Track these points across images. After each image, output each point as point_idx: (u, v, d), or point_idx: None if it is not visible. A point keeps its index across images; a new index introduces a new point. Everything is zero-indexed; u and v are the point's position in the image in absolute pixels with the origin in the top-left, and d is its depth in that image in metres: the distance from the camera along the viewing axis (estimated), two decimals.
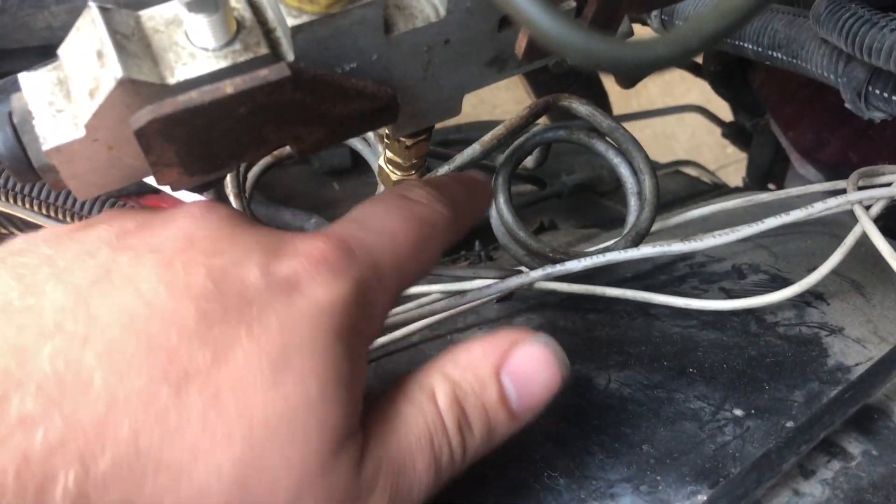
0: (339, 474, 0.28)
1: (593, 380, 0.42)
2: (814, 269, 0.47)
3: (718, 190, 1.00)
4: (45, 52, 0.78)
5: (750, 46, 0.60)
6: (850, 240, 0.48)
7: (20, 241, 0.31)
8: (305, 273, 0.29)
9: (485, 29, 0.35)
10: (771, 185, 1.05)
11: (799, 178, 0.87)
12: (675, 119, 1.82)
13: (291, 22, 0.30)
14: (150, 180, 0.33)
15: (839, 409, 0.36)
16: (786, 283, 0.48)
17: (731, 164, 2.08)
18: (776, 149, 0.92)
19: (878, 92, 0.49)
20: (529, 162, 0.62)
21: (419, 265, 0.34)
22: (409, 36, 0.33)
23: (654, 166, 0.51)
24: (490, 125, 0.98)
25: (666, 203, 0.97)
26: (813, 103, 0.75)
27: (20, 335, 0.26)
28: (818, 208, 0.49)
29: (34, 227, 0.57)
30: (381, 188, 0.49)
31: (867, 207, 0.50)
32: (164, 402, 0.25)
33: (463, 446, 0.32)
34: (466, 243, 0.74)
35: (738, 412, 0.39)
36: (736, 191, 0.98)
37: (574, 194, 0.95)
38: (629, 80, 0.82)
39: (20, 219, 0.57)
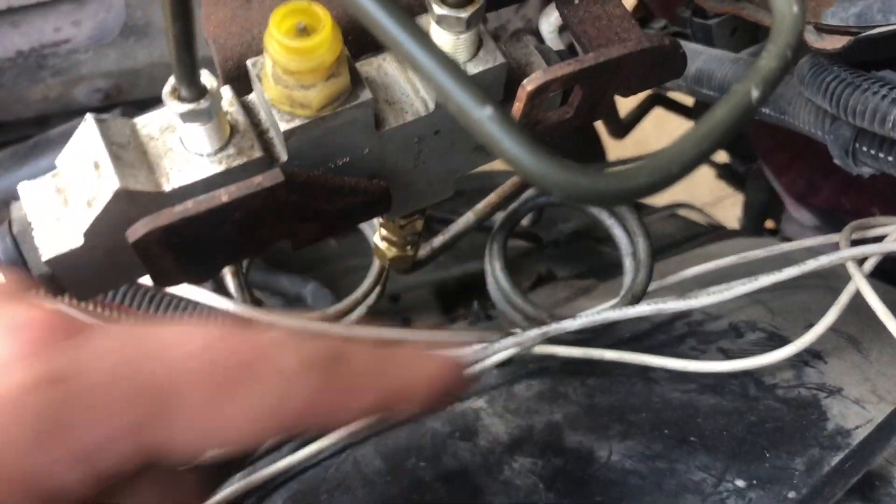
0: None
1: (595, 452, 0.42)
2: (810, 324, 0.48)
3: (715, 232, 1.01)
4: (41, 122, 0.79)
5: None
6: (844, 298, 0.48)
7: None
8: None
9: None
10: (770, 223, 1.05)
11: (795, 220, 0.88)
12: None
13: (284, 126, 0.30)
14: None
15: (840, 479, 0.36)
16: (783, 340, 0.49)
17: (728, 196, 2.08)
18: (770, 191, 0.92)
19: (865, 149, 0.49)
20: (525, 220, 0.63)
21: (199, 424, 0.24)
22: (400, 130, 0.33)
23: (647, 228, 0.52)
24: (489, 175, 0.98)
25: (663, 247, 0.98)
26: (804, 150, 0.76)
27: None
28: (812, 265, 0.49)
29: None
30: (376, 262, 0.49)
31: (861, 261, 0.51)
32: None
33: None
34: (465, 302, 0.74)
35: (740, 483, 0.39)
36: (733, 234, 0.98)
37: (570, 241, 0.96)
38: (620, 131, 0.83)
39: None
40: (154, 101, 0.75)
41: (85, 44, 0.71)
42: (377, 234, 0.45)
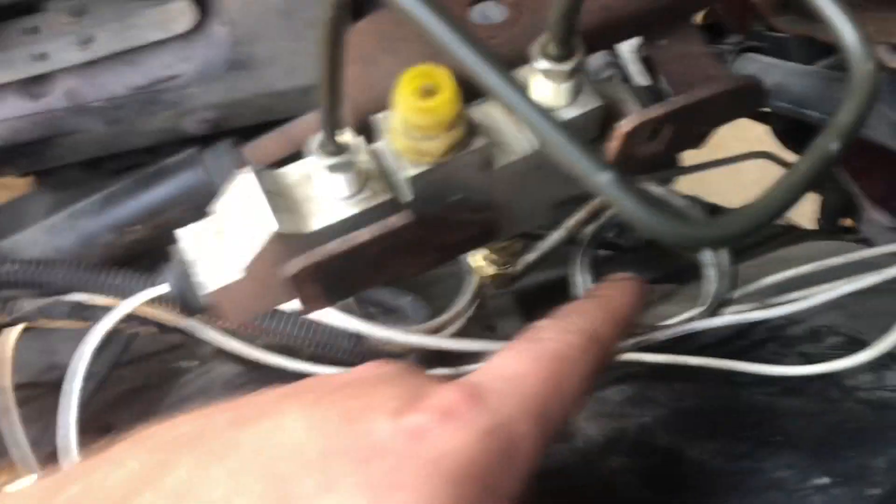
0: None
1: (684, 452, 0.46)
2: (890, 328, 0.50)
3: (792, 233, 1.02)
4: (152, 150, 0.86)
5: (813, 113, 0.63)
6: None
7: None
8: (433, 424, 0.29)
9: None
10: (848, 221, 1.06)
11: (874, 220, 0.89)
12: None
13: (411, 172, 0.35)
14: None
15: None
16: (863, 345, 0.51)
17: None
18: (848, 190, 0.93)
19: None
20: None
21: (561, 407, 0.33)
22: (507, 168, 0.37)
23: None
24: None
25: (741, 248, 1.00)
26: (881, 155, 0.77)
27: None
28: (892, 272, 0.52)
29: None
30: (475, 280, 0.54)
31: None
32: None
33: None
34: (547, 308, 0.77)
35: (824, 480, 0.42)
36: (810, 234, 0.99)
37: (648, 247, 0.98)
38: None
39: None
40: (257, 129, 0.80)
41: (194, 78, 0.78)
42: (478, 253, 0.49)
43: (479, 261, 0.49)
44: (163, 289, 0.53)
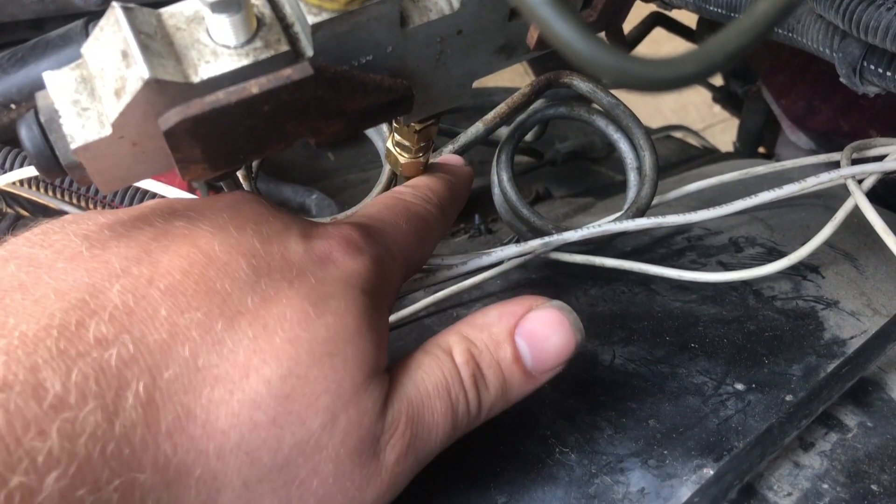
0: (368, 402, 0.31)
1: (599, 356, 0.44)
2: (809, 240, 0.49)
3: (709, 155, 1.01)
4: (36, 26, 0.78)
5: None
6: (841, 214, 0.49)
7: (70, 217, 0.33)
8: (337, 249, 0.34)
9: (496, 19, 0.35)
10: (761, 149, 1.06)
11: (790, 143, 0.88)
12: None
13: (312, 20, 0.30)
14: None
15: (837, 383, 0.38)
16: (782, 255, 0.50)
17: (717, 123, 2.09)
18: (767, 114, 0.93)
19: (872, 67, 0.50)
20: (528, 135, 0.63)
21: (420, 255, 0.41)
22: (424, 28, 0.33)
23: (653, 143, 0.52)
24: (487, 91, 0.98)
25: (659, 168, 0.99)
26: (805, 72, 0.76)
27: (91, 276, 0.29)
28: (812, 182, 0.50)
29: (42, 208, 0.57)
30: (386, 168, 0.50)
31: (860, 181, 0.51)
32: (219, 332, 0.29)
33: (478, 399, 0.34)
34: (466, 216, 0.75)
35: (740, 386, 0.41)
36: (727, 156, 0.99)
37: (567, 161, 0.96)
38: (624, 49, 0.83)
39: (27, 199, 0.57)
40: (156, 6, 0.73)
41: None
42: (390, 140, 0.45)
43: (390, 147, 0.45)
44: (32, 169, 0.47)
